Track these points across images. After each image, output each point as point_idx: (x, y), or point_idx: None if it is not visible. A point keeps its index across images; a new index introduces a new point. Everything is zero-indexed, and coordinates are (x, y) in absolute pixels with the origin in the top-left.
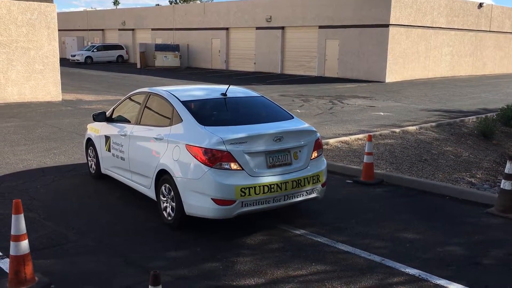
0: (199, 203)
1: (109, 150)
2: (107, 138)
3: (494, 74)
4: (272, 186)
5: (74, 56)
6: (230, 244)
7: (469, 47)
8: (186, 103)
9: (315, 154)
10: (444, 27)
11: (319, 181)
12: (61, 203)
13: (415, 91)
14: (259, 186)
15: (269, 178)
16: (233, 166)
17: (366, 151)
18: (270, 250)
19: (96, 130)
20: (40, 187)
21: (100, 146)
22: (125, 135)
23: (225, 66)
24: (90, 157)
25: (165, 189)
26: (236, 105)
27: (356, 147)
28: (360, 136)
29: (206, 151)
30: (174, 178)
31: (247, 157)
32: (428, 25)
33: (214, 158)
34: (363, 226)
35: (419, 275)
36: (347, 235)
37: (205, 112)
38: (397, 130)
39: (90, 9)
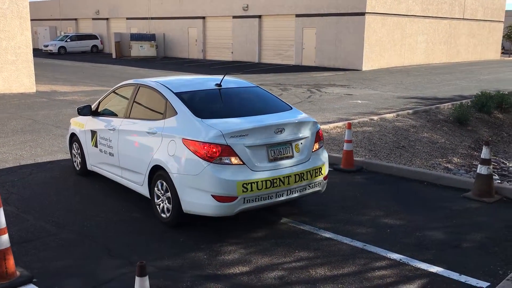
0: (198, 200)
1: (95, 146)
2: (93, 133)
3: (468, 62)
4: (275, 180)
5: (47, 46)
6: (213, 233)
7: (443, 35)
8: (180, 95)
9: (316, 146)
10: (419, 15)
11: (321, 174)
12: (40, 196)
13: (392, 79)
14: (261, 181)
15: (271, 172)
16: (234, 160)
17: (345, 139)
18: (254, 239)
19: (81, 124)
20: (17, 180)
21: (85, 141)
22: (113, 130)
23: (202, 56)
24: (75, 153)
25: (160, 186)
26: (232, 96)
27: (335, 135)
28: (339, 124)
29: (205, 145)
30: (170, 174)
31: (248, 150)
32: (403, 13)
33: (214, 153)
34: (344, 213)
35: (400, 259)
36: (329, 222)
37: (201, 104)
38: (375, 117)
39: None
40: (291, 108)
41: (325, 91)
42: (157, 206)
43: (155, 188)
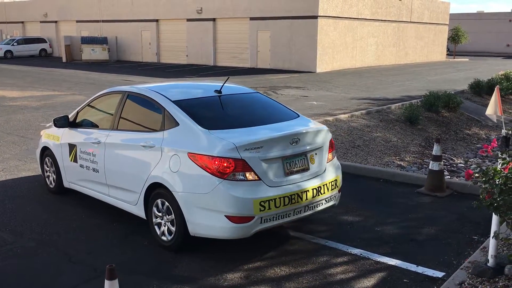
0: (208, 221)
1: (75, 161)
2: (72, 146)
3: (416, 63)
4: (293, 196)
5: None
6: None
7: (392, 37)
8: (179, 103)
9: (330, 156)
10: (369, 18)
11: (337, 186)
12: None
13: (345, 80)
14: (279, 198)
15: (289, 187)
16: (249, 176)
17: None
18: (216, 240)
19: (55, 137)
20: None
21: (61, 156)
22: (98, 143)
23: (157, 59)
24: (47, 169)
25: (159, 206)
26: (234, 104)
27: None
28: None
29: (216, 160)
30: (174, 193)
31: (263, 164)
32: (354, 17)
33: (227, 168)
34: None
35: (361, 254)
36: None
37: (204, 114)
38: (330, 118)
39: (8, 0)
40: (299, 116)
41: (281, 93)
42: (156, 228)
43: (154, 208)
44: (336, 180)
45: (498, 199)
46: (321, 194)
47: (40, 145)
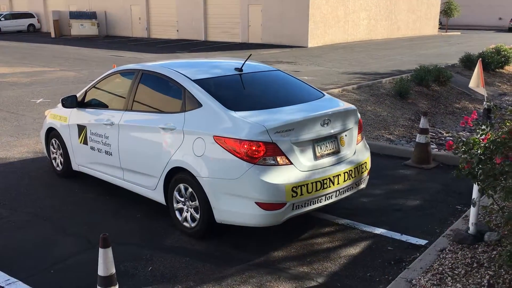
0: (237, 208)
1: (85, 143)
2: (82, 127)
3: (408, 37)
4: (325, 181)
5: None
6: (168, 209)
7: (384, 11)
8: (200, 83)
9: (359, 138)
10: None
11: (366, 169)
12: None
13: (336, 55)
14: (312, 183)
15: (320, 171)
16: (280, 160)
17: None
18: None
19: (63, 118)
20: None
21: (70, 137)
22: (111, 124)
23: (147, 34)
24: (54, 152)
25: (182, 191)
26: (257, 83)
27: None
28: None
29: (245, 143)
30: (198, 178)
31: (295, 148)
32: None
33: (257, 152)
34: None
35: (347, 224)
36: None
37: (227, 93)
38: None
39: None
40: (324, 95)
41: None
42: (177, 214)
43: (175, 193)
44: (366, 162)
45: (476, 168)
46: (352, 177)
47: (45, 126)
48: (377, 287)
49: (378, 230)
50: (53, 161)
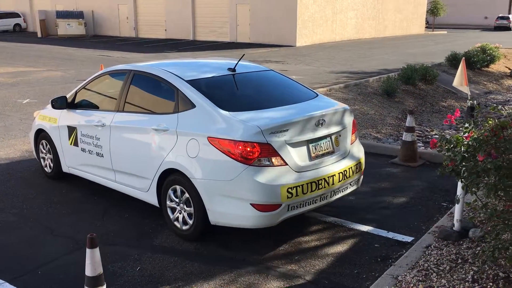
0: (232, 210)
1: (75, 144)
2: (72, 129)
3: (395, 36)
4: (320, 181)
5: None
6: (157, 208)
7: (371, 10)
8: (193, 83)
9: (353, 137)
10: None
11: (360, 169)
12: None
13: (324, 54)
14: (307, 184)
15: (315, 172)
16: (275, 161)
17: None
18: None
19: (52, 119)
20: None
21: (60, 139)
22: (102, 126)
23: (135, 34)
24: (43, 152)
25: (175, 193)
26: (250, 83)
27: None
28: None
29: (240, 144)
30: (193, 180)
31: (289, 148)
32: None
33: (251, 153)
34: None
35: (335, 222)
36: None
37: (221, 94)
38: None
39: None
40: (317, 95)
41: None
42: (170, 216)
43: (169, 195)
44: (360, 162)
45: (460, 166)
46: (347, 178)
47: (34, 127)
48: (364, 283)
49: (365, 228)
50: (42, 161)
